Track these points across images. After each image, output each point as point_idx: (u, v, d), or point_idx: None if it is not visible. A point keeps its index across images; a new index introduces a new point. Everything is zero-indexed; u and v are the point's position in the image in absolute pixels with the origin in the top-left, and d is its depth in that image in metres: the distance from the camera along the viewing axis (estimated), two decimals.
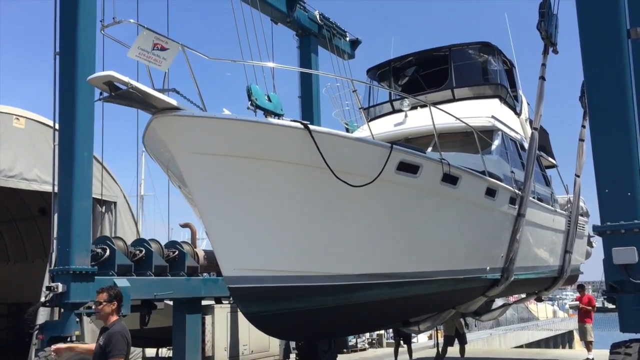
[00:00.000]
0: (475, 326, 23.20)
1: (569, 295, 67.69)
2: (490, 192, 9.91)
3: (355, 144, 7.80)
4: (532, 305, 48.77)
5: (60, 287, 9.91)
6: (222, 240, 7.42)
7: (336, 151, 7.50)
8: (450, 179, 8.89)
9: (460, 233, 9.56)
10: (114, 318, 5.29)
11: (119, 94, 6.28)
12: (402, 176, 8.24)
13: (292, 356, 16.93)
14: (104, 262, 10.92)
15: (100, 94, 6.49)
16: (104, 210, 19.35)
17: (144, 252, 11.74)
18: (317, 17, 18.32)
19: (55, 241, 10.39)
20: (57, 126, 10.92)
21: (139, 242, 12.18)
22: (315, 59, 18.09)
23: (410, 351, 16.05)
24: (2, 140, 16.60)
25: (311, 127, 7.31)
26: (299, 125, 7.26)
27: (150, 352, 17.70)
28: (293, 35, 18.30)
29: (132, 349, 18.13)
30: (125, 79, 6.20)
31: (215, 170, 7.15)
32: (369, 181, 7.69)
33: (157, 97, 6.56)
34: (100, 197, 18.89)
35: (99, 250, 10.99)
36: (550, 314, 52.48)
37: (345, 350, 20.17)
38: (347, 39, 19.92)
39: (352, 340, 20.53)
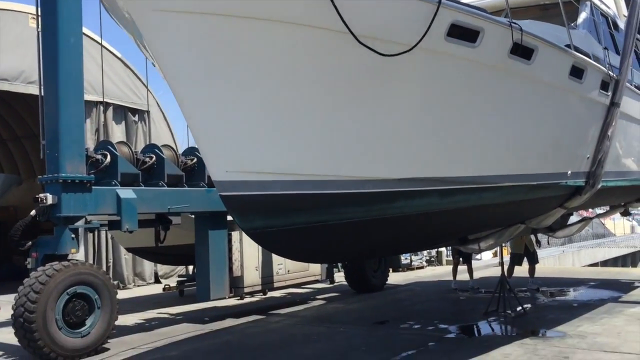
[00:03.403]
0: (548, 243, 21.07)
1: None
2: (577, 72, 7.54)
3: None
4: (608, 220, 45.92)
5: (49, 199, 8.44)
6: (208, 133, 5.53)
7: (360, 8, 5.36)
8: (522, 51, 6.60)
9: (535, 125, 7.33)
10: None
11: None
12: (455, 45, 6.02)
13: (338, 276, 15.51)
14: (103, 170, 9.36)
15: None
16: (136, 119, 18.04)
17: (154, 159, 10.11)
18: None
19: (43, 146, 8.85)
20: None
21: (149, 148, 10.55)
22: None
23: (470, 271, 14.26)
24: (18, 43, 15.22)
25: None
26: None
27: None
28: None
29: (171, 267, 17.14)
30: None
31: (192, 34, 5.18)
32: (406, 49, 5.54)
33: None
34: (133, 106, 17.78)
35: (99, 157, 9.43)
36: (628, 230, 49.35)
37: (400, 269, 18.62)
38: None
39: (406, 258, 18.89)
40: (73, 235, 8.64)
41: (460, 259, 14.38)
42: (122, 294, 14.69)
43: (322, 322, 10.49)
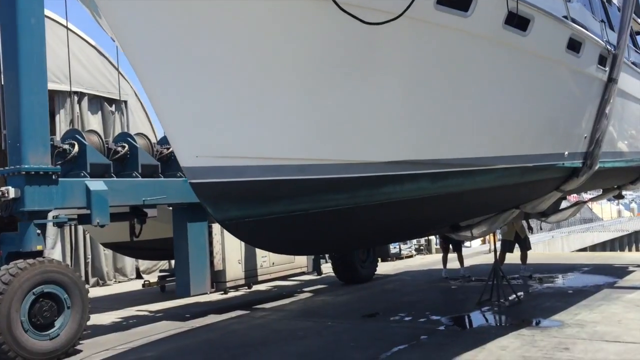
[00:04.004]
0: (541, 228, 20.71)
1: (628, 194, 63.61)
2: (574, 45, 7.07)
3: None
4: (595, 204, 45.82)
5: (12, 192, 7.85)
6: (174, 113, 4.99)
7: None
8: (517, 21, 6.11)
9: (531, 102, 6.86)
10: None
11: None
12: (446, 14, 5.52)
13: (326, 267, 15.05)
14: (71, 160, 8.78)
15: None
16: (113, 109, 17.40)
17: (126, 148, 9.53)
18: None
19: (4, 136, 8.25)
20: None
21: (122, 137, 9.97)
22: None
23: (461, 259, 13.85)
24: None
25: None
26: None
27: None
28: None
29: (152, 262, 16.61)
30: None
31: (153, 5, 4.63)
32: (391, 17, 5.02)
33: None
34: (109, 96, 17.12)
35: (66, 147, 8.83)
36: (615, 214, 49.34)
37: (389, 258, 18.21)
38: None
39: (395, 247, 18.47)
40: (39, 231, 8.06)
41: (450, 246, 13.97)
42: (100, 291, 14.25)
43: (309, 316, 10.01)
